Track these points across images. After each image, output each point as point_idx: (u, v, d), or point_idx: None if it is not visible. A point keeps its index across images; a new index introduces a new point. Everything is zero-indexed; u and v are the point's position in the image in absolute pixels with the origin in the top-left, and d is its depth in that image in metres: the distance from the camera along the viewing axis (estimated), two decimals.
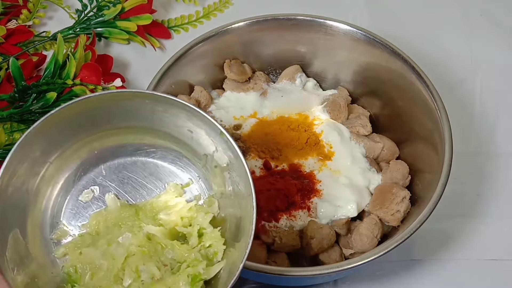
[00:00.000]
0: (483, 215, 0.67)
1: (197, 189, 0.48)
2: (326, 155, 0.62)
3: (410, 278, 0.63)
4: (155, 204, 0.47)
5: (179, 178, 0.48)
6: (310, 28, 0.65)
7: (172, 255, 0.43)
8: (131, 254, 0.42)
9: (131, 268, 0.41)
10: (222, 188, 0.47)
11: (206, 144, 0.46)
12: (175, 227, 0.45)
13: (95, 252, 0.43)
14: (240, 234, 0.44)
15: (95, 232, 0.45)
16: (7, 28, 0.74)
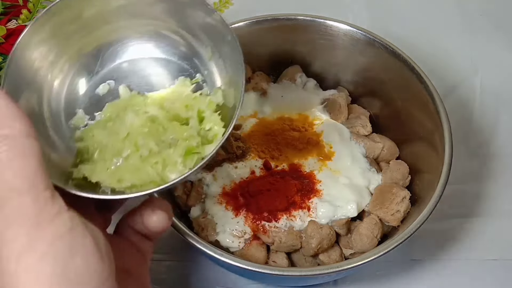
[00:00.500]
0: (483, 215, 0.67)
1: (204, 83, 0.50)
2: (326, 155, 0.62)
3: (410, 278, 0.63)
4: (163, 94, 0.49)
5: (188, 73, 0.50)
6: (310, 28, 0.65)
7: (172, 136, 0.45)
8: (133, 132, 0.45)
9: (131, 142, 0.44)
10: (223, 80, 0.49)
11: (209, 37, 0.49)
12: (178, 113, 0.47)
13: (103, 132, 0.45)
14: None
15: (108, 118, 0.47)
16: (7, 28, 0.74)
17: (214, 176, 0.60)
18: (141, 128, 0.45)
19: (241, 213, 0.57)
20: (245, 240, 0.56)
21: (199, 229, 0.58)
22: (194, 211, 0.59)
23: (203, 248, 0.51)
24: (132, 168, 0.43)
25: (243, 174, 0.60)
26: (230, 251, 0.56)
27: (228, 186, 0.59)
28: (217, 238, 0.57)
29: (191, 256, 0.63)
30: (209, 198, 0.59)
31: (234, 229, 0.56)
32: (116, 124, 0.46)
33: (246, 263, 0.50)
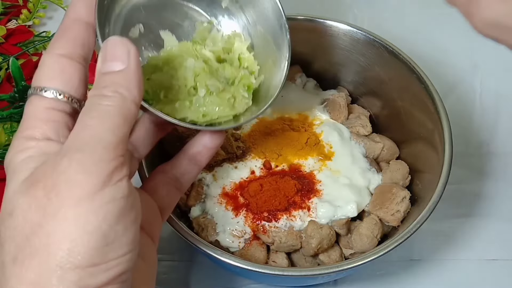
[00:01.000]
0: (483, 215, 0.67)
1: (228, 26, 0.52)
2: (326, 155, 0.62)
3: (410, 278, 0.63)
4: (197, 38, 0.51)
5: (210, 18, 0.52)
6: (310, 28, 0.65)
7: (224, 75, 0.48)
8: (197, 74, 0.46)
9: (201, 83, 0.46)
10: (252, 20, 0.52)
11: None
12: (219, 55, 0.50)
13: (162, 76, 0.46)
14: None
15: (157, 62, 0.47)
16: (7, 28, 0.74)
17: (214, 176, 0.60)
18: (202, 70, 0.47)
19: (241, 213, 0.57)
20: (245, 240, 0.56)
21: (199, 229, 0.58)
22: (194, 211, 0.59)
23: (203, 248, 0.51)
24: (212, 104, 0.46)
25: (243, 174, 0.60)
26: (230, 251, 0.56)
27: (228, 186, 0.59)
28: (217, 238, 0.57)
29: (191, 256, 0.63)
30: (209, 198, 0.59)
31: (234, 229, 0.57)
32: (180, 70, 0.46)
33: (246, 263, 0.50)
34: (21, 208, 0.32)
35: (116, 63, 0.35)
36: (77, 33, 0.38)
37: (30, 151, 0.34)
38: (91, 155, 0.32)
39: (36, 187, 0.32)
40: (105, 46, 0.36)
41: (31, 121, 0.35)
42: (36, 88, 0.36)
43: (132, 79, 0.35)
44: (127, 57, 0.35)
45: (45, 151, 0.34)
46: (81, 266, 0.30)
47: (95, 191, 0.31)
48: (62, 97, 0.36)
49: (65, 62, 0.37)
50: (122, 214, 0.33)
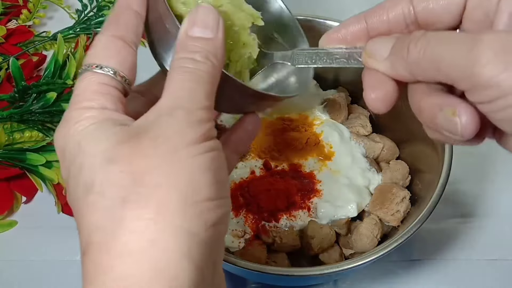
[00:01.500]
0: (483, 215, 0.67)
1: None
2: (326, 155, 0.62)
3: (410, 278, 0.63)
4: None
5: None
6: (310, 28, 0.65)
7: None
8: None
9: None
10: None
11: None
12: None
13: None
14: None
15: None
16: (7, 28, 0.74)
17: None
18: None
19: (241, 213, 0.57)
20: (245, 240, 0.56)
21: None
22: None
23: None
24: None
25: (243, 174, 0.60)
26: (230, 251, 0.56)
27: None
28: None
29: None
30: None
31: (234, 229, 0.57)
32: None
33: (246, 263, 0.50)
34: (122, 155, 0.31)
35: (207, 30, 0.36)
36: (129, 20, 0.38)
37: (92, 120, 0.34)
38: (194, 114, 0.33)
39: (137, 139, 0.32)
40: (196, 11, 0.37)
41: (86, 94, 0.35)
42: (90, 65, 0.36)
43: (220, 49, 0.36)
44: (217, 26, 0.36)
45: (111, 117, 0.34)
46: (201, 200, 0.31)
47: (202, 140, 0.32)
48: (117, 76, 0.36)
49: (121, 44, 0.37)
50: (222, 161, 0.34)
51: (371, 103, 0.40)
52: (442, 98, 0.34)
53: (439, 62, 0.32)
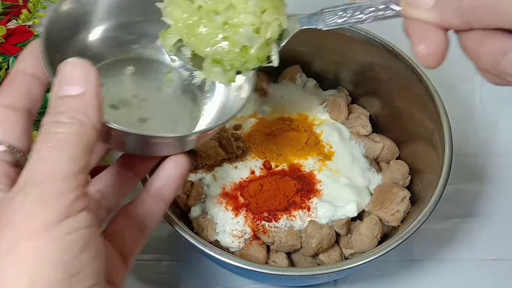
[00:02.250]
0: (483, 215, 0.67)
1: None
2: (326, 155, 0.62)
3: (410, 278, 0.63)
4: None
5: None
6: (310, 28, 0.65)
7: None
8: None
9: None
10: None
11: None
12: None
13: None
14: None
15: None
16: (7, 28, 0.74)
17: (214, 176, 0.60)
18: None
19: (241, 213, 0.57)
20: (245, 240, 0.56)
21: (199, 229, 0.58)
22: (194, 211, 0.59)
23: (203, 248, 0.51)
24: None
25: (243, 174, 0.60)
26: (230, 251, 0.56)
27: (228, 186, 0.59)
28: (217, 238, 0.57)
29: (191, 256, 0.63)
30: (209, 198, 0.59)
31: (234, 229, 0.56)
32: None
33: (246, 263, 0.50)
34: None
35: (74, 87, 0.33)
36: (22, 84, 0.37)
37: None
38: (50, 188, 0.30)
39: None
40: (62, 68, 0.34)
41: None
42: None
43: (90, 103, 0.33)
44: (86, 80, 0.33)
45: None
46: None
47: (55, 223, 0.30)
48: (2, 147, 0.35)
49: (7, 112, 0.36)
50: (86, 244, 0.31)
51: (421, 58, 0.36)
52: (504, 43, 0.31)
53: (500, 6, 0.29)
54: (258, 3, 0.43)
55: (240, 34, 0.44)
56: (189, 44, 0.45)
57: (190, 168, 0.44)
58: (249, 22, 0.43)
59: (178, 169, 0.43)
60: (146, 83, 0.51)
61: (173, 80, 0.51)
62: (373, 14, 0.40)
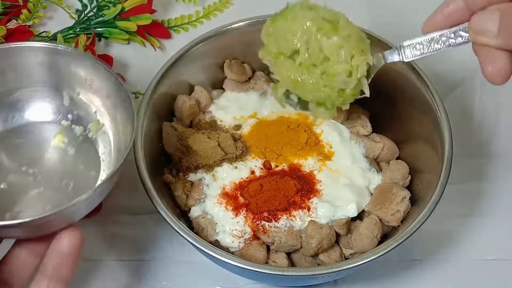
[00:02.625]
0: (483, 215, 0.67)
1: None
2: (326, 155, 0.62)
3: (410, 278, 0.63)
4: None
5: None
6: None
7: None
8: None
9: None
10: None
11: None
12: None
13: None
14: None
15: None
16: (7, 28, 0.74)
17: (214, 176, 0.60)
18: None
19: (241, 213, 0.57)
20: (245, 240, 0.56)
21: (199, 229, 0.58)
22: (194, 211, 0.59)
23: (203, 248, 0.51)
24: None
25: (243, 174, 0.60)
26: (230, 251, 0.56)
27: (228, 186, 0.59)
28: (217, 238, 0.57)
29: (191, 256, 0.63)
30: (209, 198, 0.59)
31: (234, 229, 0.56)
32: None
33: (246, 263, 0.50)
34: None
35: None
36: None
37: None
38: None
39: None
40: None
41: None
42: None
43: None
44: None
45: None
46: None
47: None
48: None
49: None
50: None
51: (489, 78, 0.41)
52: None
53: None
54: (347, 52, 0.52)
55: (336, 81, 0.53)
56: (295, 93, 0.57)
57: (83, 239, 0.43)
58: (343, 70, 0.52)
59: (69, 247, 0.41)
60: (35, 150, 0.56)
61: (65, 140, 0.56)
62: (446, 43, 0.46)
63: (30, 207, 0.51)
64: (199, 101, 0.65)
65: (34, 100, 0.57)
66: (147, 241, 0.64)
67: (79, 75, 0.56)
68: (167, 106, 0.64)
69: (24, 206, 0.51)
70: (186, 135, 0.61)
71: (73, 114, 0.58)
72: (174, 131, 0.62)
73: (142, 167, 0.55)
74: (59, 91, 0.57)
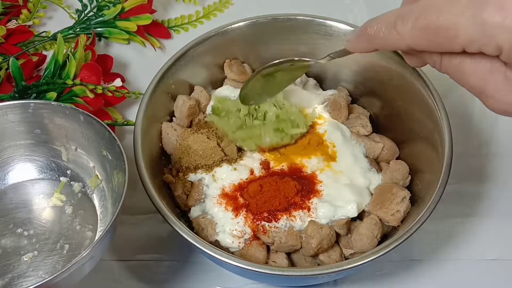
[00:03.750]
0: (483, 215, 0.67)
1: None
2: (329, 155, 0.62)
3: (410, 278, 0.63)
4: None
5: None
6: (310, 28, 0.65)
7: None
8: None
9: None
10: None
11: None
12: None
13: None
14: None
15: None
16: (7, 28, 0.74)
17: (213, 176, 0.60)
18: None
19: (241, 214, 0.57)
20: (245, 240, 0.56)
21: (199, 229, 0.58)
22: (194, 211, 0.59)
23: (203, 248, 0.51)
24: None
25: (243, 175, 0.60)
26: (230, 251, 0.56)
27: (228, 186, 0.59)
28: (217, 238, 0.57)
29: (191, 256, 0.63)
30: (209, 198, 0.59)
31: (234, 229, 0.56)
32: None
33: (246, 263, 0.50)
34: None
35: None
36: None
37: None
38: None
39: None
40: None
41: None
42: None
43: None
44: None
45: None
46: None
47: None
48: None
49: None
50: None
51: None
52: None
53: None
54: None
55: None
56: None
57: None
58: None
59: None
60: (32, 209, 0.57)
61: (63, 198, 0.57)
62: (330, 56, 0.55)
63: (23, 273, 0.52)
64: (199, 101, 0.65)
65: (31, 157, 0.59)
66: (147, 241, 0.64)
67: (76, 130, 0.57)
68: (167, 106, 0.64)
69: (16, 272, 0.52)
70: (185, 135, 0.61)
71: (72, 170, 0.59)
72: (174, 131, 0.62)
73: (142, 167, 0.55)
74: (57, 147, 0.58)
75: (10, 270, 0.52)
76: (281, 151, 0.62)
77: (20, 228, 0.55)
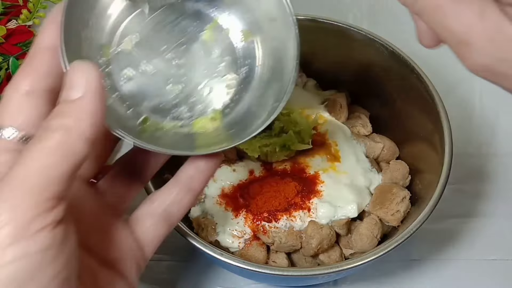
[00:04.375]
0: (483, 215, 0.67)
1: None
2: (333, 155, 0.61)
3: (410, 278, 0.63)
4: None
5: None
6: (310, 28, 0.65)
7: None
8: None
9: None
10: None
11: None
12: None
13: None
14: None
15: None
16: (7, 28, 0.74)
17: (213, 176, 0.60)
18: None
19: (241, 214, 0.57)
20: (245, 240, 0.56)
21: (199, 229, 0.58)
22: (194, 211, 0.59)
23: (203, 248, 0.51)
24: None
25: (243, 175, 0.60)
26: (230, 251, 0.56)
27: (228, 187, 0.59)
28: (217, 238, 0.57)
29: (191, 256, 0.63)
30: (209, 198, 0.59)
31: (234, 229, 0.56)
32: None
33: (246, 263, 0.50)
34: None
35: (73, 92, 0.31)
36: (42, 62, 0.35)
37: None
38: (11, 200, 0.28)
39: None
40: (67, 72, 0.32)
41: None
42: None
43: (83, 110, 0.31)
44: (84, 84, 0.31)
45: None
46: None
47: (4, 246, 0.28)
48: (15, 135, 0.33)
49: (24, 98, 0.34)
50: (36, 270, 0.28)
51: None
52: None
53: None
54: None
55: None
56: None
57: (222, 159, 0.43)
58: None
59: (207, 164, 0.41)
60: (182, 39, 0.44)
61: (213, 38, 0.46)
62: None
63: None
64: None
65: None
66: None
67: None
68: None
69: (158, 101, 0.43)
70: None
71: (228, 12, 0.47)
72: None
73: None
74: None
75: (151, 97, 0.42)
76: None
77: (171, 53, 0.43)
